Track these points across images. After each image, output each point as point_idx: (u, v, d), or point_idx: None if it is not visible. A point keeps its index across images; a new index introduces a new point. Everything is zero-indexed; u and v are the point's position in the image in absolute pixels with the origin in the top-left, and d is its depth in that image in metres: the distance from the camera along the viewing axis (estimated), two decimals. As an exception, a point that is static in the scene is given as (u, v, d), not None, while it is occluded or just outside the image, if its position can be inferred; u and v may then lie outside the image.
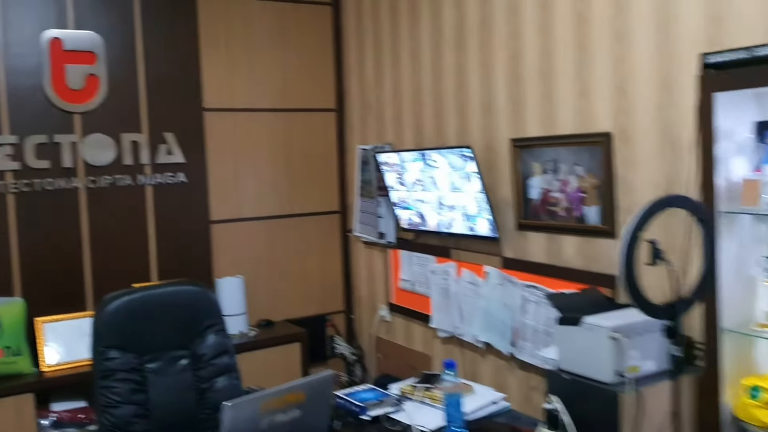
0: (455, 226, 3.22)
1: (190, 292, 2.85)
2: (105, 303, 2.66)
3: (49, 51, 3.45)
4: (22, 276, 3.45)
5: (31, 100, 3.43)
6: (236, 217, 4.02)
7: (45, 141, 3.46)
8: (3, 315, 3.25)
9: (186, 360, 2.74)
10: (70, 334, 3.43)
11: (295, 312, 4.19)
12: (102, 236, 3.62)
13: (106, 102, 3.60)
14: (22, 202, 3.43)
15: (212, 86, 3.89)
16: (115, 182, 3.64)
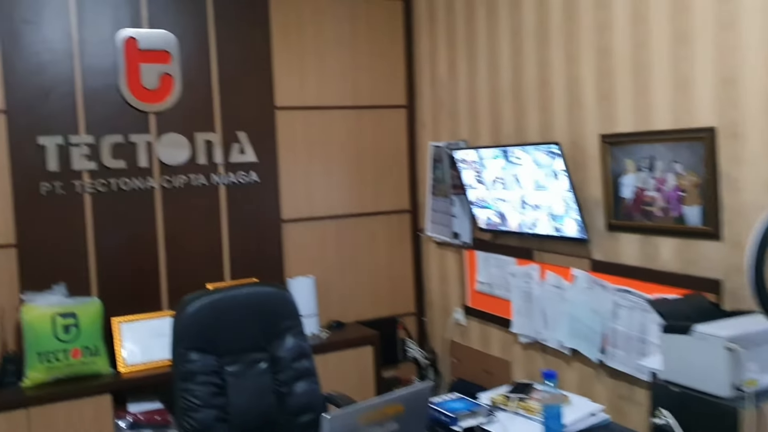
0: (539, 226, 3.09)
1: (269, 293, 2.82)
2: (185, 304, 2.64)
3: (124, 50, 3.46)
4: (99, 276, 3.47)
5: (106, 99, 3.45)
6: (307, 216, 3.98)
7: (121, 141, 3.48)
8: (80, 315, 3.28)
9: (265, 363, 2.70)
10: (146, 334, 3.44)
11: (365, 313, 4.13)
12: (176, 236, 3.62)
13: (180, 101, 3.60)
14: (99, 202, 3.46)
15: (283, 84, 3.86)
16: (190, 182, 3.64)
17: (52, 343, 3.18)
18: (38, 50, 3.31)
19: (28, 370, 3.16)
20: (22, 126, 3.29)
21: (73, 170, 3.38)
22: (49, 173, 3.34)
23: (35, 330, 3.17)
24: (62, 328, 3.21)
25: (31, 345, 3.17)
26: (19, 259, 3.31)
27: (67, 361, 3.20)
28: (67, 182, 3.38)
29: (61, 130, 3.36)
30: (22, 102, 3.29)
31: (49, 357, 3.17)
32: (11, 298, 3.29)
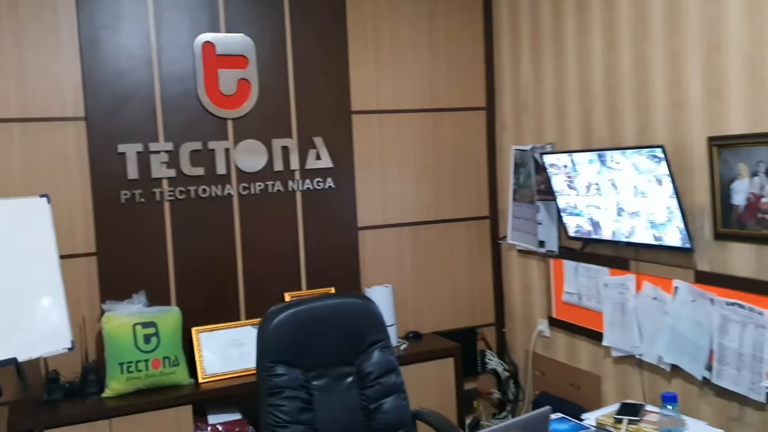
0: (637, 234, 2.93)
1: (354, 304, 2.74)
2: (270, 316, 2.58)
3: (203, 56, 3.44)
4: (178, 284, 3.46)
5: (185, 106, 3.43)
6: (383, 223, 3.89)
7: (199, 148, 3.46)
8: (160, 324, 3.26)
9: (351, 377, 2.62)
10: (224, 343, 3.41)
11: (443, 324, 4.02)
12: (253, 244, 3.58)
13: (257, 107, 3.56)
14: (178, 210, 3.44)
15: (360, 87, 3.79)
16: (267, 189, 3.59)
17: (133, 353, 3.17)
18: (117, 56, 3.32)
19: (109, 381, 3.15)
20: (102, 134, 3.30)
21: (152, 178, 3.38)
22: (129, 181, 3.34)
23: (116, 340, 3.17)
24: (143, 338, 3.20)
25: (112, 355, 3.16)
26: (99, 268, 3.32)
27: (147, 371, 3.18)
28: (147, 190, 3.37)
29: (141, 138, 3.36)
30: (102, 109, 3.29)
31: (129, 367, 3.16)
32: (92, 308, 3.30)
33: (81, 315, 3.25)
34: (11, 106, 3.15)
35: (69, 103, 3.25)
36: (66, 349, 2.85)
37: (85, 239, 3.29)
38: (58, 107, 3.23)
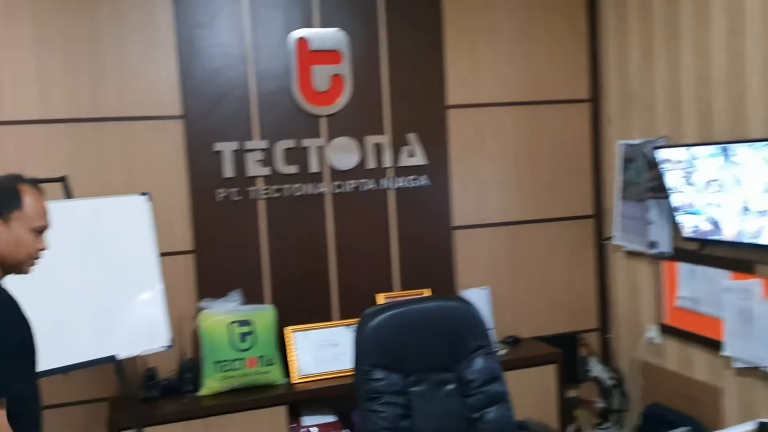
0: (765, 235, 2.67)
1: (455, 308, 2.62)
2: (367, 318, 2.50)
3: (296, 52, 3.40)
4: (272, 283, 3.44)
5: (279, 103, 3.41)
6: (478, 223, 3.75)
7: (293, 146, 3.43)
8: (256, 323, 3.25)
9: (452, 384, 2.51)
10: (318, 344, 3.37)
11: (542, 328, 3.84)
12: (346, 243, 3.52)
13: (350, 103, 3.49)
14: (272, 209, 3.42)
15: (455, 81, 3.66)
16: (359, 187, 3.52)
17: (229, 351, 3.17)
18: (213, 55, 3.32)
19: (205, 379, 3.16)
20: (199, 132, 3.31)
21: (247, 176, 3.37)
22: (225, 180, 3.34)
23: (212, 338, 3.18)
24: (238, 336, 3.19)
25: (209, 353, 3.17)
26: (196, 266, 3.34)
27: (242, 370, 3.17)
28: (242, 188, 3.37)
29: (236, 136, 3.35)
30: (199, 108, 3.31)
31: (225, 366, 3.16)
32: (189, 305, 3.32)
33: (178, 313, 3.26)
34: (112, 106, 3.20)
35: (167, 102, 3.28)
36: (164, 347, 2.87)
37: (182, 237, 3.31)
38: (156, 106, 3.27)
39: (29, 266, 1.84)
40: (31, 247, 1.80)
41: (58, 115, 3.13)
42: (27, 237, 1.78)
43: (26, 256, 1.81)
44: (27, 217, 1.78)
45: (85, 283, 2.69)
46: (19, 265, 1.82)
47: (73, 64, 3.14)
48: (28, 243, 1.79)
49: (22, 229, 1.78)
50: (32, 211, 1.79)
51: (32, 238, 1.80)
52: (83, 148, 3.16)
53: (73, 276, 2.65)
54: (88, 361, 2.66)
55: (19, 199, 1.78)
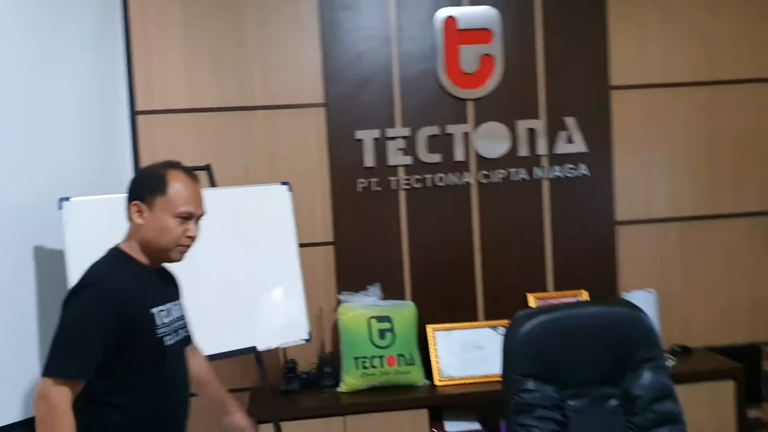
0: None
1: (621, 314, 2.31)
2: (519, 322, 2.26)
3: (443, 32, 3.22)
4: (413, 278, 3.30)
5: (423, 87, 3.26)
6: (645, 218, 3.39)
7: (437, 132, 3.26)
8: (396, 319, 3.11)
9: (616, 400, 2.21)
10: (462, 345, 3.18)
11: (717, 338, 3.41)
12: (493, 237, 3.31)
13: (501, 85, 3.27)
14: (414, 199, 3.28)
15: (620, 59, 3.33)
16: (509, 176, 3.30)
17: (368, 348, 3.06)
18: (356, 38, 3.23)
19: (345, 375, 3.07)
20: (340, 120, 3.24)
21: (388, 165, 3.25)
22: (365, 169, 3.25)
23: (352, 333, 3.08)
24: (378, 332, 3.08)
25: (348, 348, 3.08)
26: (336, 258, 3.27)
27: (382, 368, 3.05)
28: (383, 178, 3.25)
29: (378, 123, 3.25)
30: (341, 94, 3.23)
31: (365, 363, 3.05)
32: (329, 298, 3.26)
33: (318, 305, 3.22)
34: (256, 94, 3.20)
35: (309, 90, 3.23)
36: (303, 341, 2.82)
37: (323, 228, 3.25)
38: (298, 94, 3.23)
39: (177, 253, 1.84)
40: (175, 234, 1.79)
41: (204, 104, 3.17)
42: (170, 223, 1.78)
43: (170, 242, 1.80)
44: (170, 202, 1.78)
45: (227, 272, 2.68)
46: (165, 252, 1.83)
47: (219, 55, 3.18)
48: (171, 229, 1.78)
49: (165, 214, 1.77)
50: (177, 197, 1.78)
51: (177, 224, 1.79)
52: (227, 137, 3.19)
53: (215, 265, 2.64)
54: (228, 352, 2.64)
55: (164, 184, 1.79)
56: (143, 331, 1.77)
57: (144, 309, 1.79)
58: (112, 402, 1.75)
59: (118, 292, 1.73)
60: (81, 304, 1.70)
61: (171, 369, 1.86)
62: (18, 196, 2.41)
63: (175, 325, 1.90)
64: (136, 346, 1.75)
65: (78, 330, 1.68)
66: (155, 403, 1.81)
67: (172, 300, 1.93)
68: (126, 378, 1.75)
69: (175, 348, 1.89)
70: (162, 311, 1.84)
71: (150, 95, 3.12)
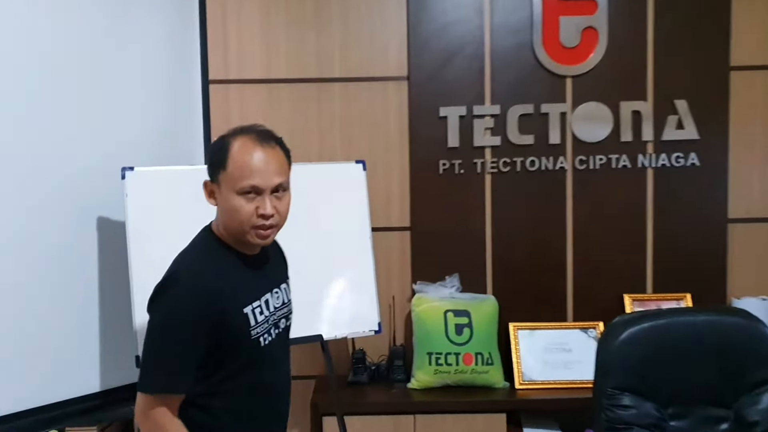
0: None
1: (738, 325, 2.03)
2: (617, 328, 2.01)
3: (542, 1, 2.98)
4: (495, 270, 3.08)
5: (516, 62, 3.02)
6: (762, 216, 3.06)
7: (530, 111, 3.02)
8: (474, 314, 2.91)
9: (726, 424, 1.95)
10: (547, 346, 2.97)
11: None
12: (588, 230, 3.05)
13: (604, 61, 3.00)
14: (500, 185, 3.06)
15: (744, 36, 2.99)
16: (609, 163, 3.03)
17: (443, 343, 2.88)
18: (445, 7, 3.02)
19: (416, 370, 2.90)
20: (424, 95, 3.05)
21: (474, 146, 3.04)
22: (449, 149, 3.05)
23: (426, 326, 2.90)
24: (454, 327, 2.89)
25: (421, 342, 2.91)
26: (412, 245, 3.09)
27: (457, 366, 2.86)
28: (468, 160, 3.05)
29: (465, 100, 3.04)
30: (426, 67, 3.04)
31: (439, 359, 2.87)
32: (403, 287, 3.10)
33: (391, 293, 3.06)
34: (334, 66, 3.06)
35: (392, 62, 3.06)
36: (372, 332, 2.65)
37: (400, 212, 3.08)
38: (380, 66, 3.07)
39: (254, 236, 1.59)
40: (245, 214, 1.56)
41: (280, 75, 3.05)
42: (236, 202, 1.55)
43: (240, 225, 1.57)
44: (231, 177, 1.55)
45: (293, 255, 2.53)
46: (242, 235, 1.59)
47: (297, 24, 3.04)
48: (238, 209, 1.55)
49: (229, 192, 1.55)
50: (237, 169, 1.55)
51: (244, 202, 1.55)
52: (302, 111, 3.06)
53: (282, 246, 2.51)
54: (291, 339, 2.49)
55: (225, 156, 1.57)
56: (235, 333, 1.57)
57: (237, 307, 1.58)
58: (200, 404, 1.58)
59: (209, 286, 1.53)
60: (170, 305, 1.52)
61: (267, 371, 1.66)
62: (82, 163, 2.36)
63: (274, 317, 1.68)
64: (227, 348, 1.57)
65: (170, 337, 1.51)
66: (248, 407, 1.63)
67: (274, 286, 1.71)
68: (215, 381, 1.58)
69: (274, 346, 1.67)
70: (257, 308, 1.62)
71: (224, 64, 3.02)
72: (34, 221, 2.22)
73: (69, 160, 2.32)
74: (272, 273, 1.74)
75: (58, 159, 2.29)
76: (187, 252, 1.62)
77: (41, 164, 2.24)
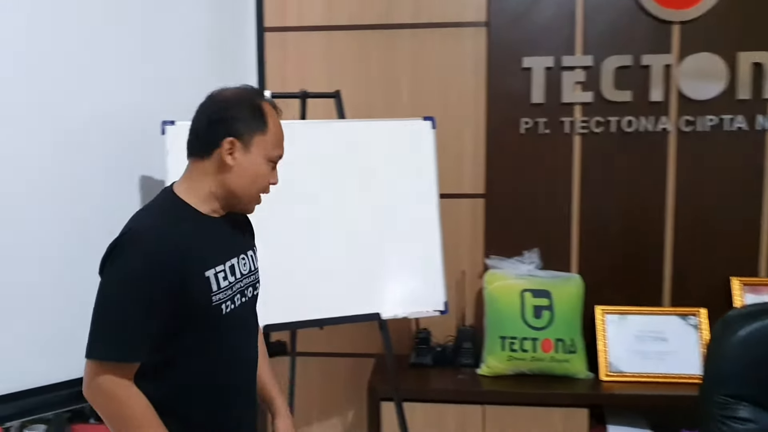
0: None
1: None
2: (732, 323, 1.68)
3: (647, -68, 2.58)
4: (581, 245, 2.76)
5: (614, 5, 2.67)
6: None
7: (628, 63, 2.66)
8: (556, 295, 2.61)
9: None
10: (639, 334, 2.65)
11: None
12: (692, 202, 2.70)
13: (719, 5, 2.59)
14: (591, 147, 2.72)
15: None
16: (721, 125, 2.64)
17: (519, 326, 2.60)
18: (533, -59, 2.66)
19: (487, 355, 2.64)
20: (505, 43, 2.73)
21: (562, 103, 2.72)
22: (532, 106, 2.73)
23: (499, 306, 2.63)
24: (532, 309, 2.60)
25: (493, 324, 2.64)
26: (486, 214, 2.80)
27: (534, 353, 2.58)
28: (554, 118, 2.73)
29: (552, 49, 2.71)
30: (508, 11, 2.72)
31: (513, 344, 2.59)
32: (474, 261, 2.83)
33: (460, 268, 2.81)
34: (404, 10, 2.79)
35: (469, 5, 2.76)
36: (437, 312, 2.39)
37: (473, 176, 2.81)
38: (456, 10, 2.78)
39: (255, 205, 1.57)
40: (266, 181, 1.55)
41: (342, 21, 2.79)
42: (264, 168, 1.53)
43: (258, 191, 1.55)
44: (268, 143, 1.52)
45: (350, 223, 2.31)
46: (248, 203, 1.56)
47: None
48: (264, 175, 1.53)
49: (260, 157, 1.51)
50: (274, 136, 1.53)
51: (267, 170, 1.54)
52: (365, 61, 2.82)
53: (336, 213, 2.29)
54: (346, 317, 2.28)
55: (264, 119, 1.51)
56: (196, 297, 1.42)
57: (198, 270, 1.44)
58: (156, 377, 1.42)
59: (169, 246, 1.39)
60: (127, 264, 1.36)
61: (230, 341, 1.52)
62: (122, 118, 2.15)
63: (240, 285, 1.55)
64: (186, 314, 1.41)
65: (125, 298, 1.36)
66: (208, 381, 1.49)
67: (240, 252, 1.58)
68: (172, 352, 1.43)
69: (237, 315, 1.54)
70: (221, 272, 1.48)
71: (282, 10, 2.78)
72: (70, 181, 2.04)
73: (107, 114, 2.12)
74: (239, 238, 1.63)
75: (96, 114, 2.09)
76: (146, 210, 1.51)
77: (77, 119, 2.05)
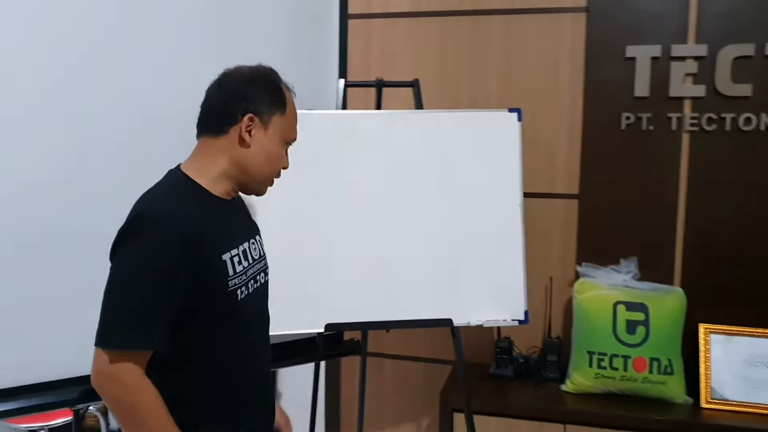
0: None
1: None
2: None
3: None
4: (685, 256, 2.51)
5: (733, -11, 2.37)
6: None
7: (749, 53, 2.39)
8: (653, 309, 2.38)
9: None
10: (749, 358, 2.38)
11: None
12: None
13: None
14: (701, 146, 2.47)
15: None
16: None
17: (609, 341, 2.39)
18: None
19: (573, 371, 2.45)
20: (606, 30, 2.53)
21: (669, 97, 2.48)
22: (635, 100, 2.51)
23: (589, 318, 2.43)
24: (625, 323, 2.39)
25: (581, 337, 2.45)
26: (579, 217, 2.59)
27: (625, 372, 2.36)
28: (660, 114, 2.49)
29: (660, 37, 2.47)
30: (612, -4, 2.49)
31: (602, 361, 2.39)
32: (564, 268, 2.64)
33: (548, 274, 2.62)
34: (496, -7, 2.61)
35: (570, -11, 2.57)
36: (515, 322, 2.20)
37: (566, 175, 2.61)
38: (553, -6, 2.59)
39: (266, 187, 1.55)
40: (279, 164, 1.53)
41: (430, 6, 2.68)
42: (279, 149, 1.51)
43: (272, 173, 1.53)
44: (287, 124, 1.51)
45: (424, 221, 2.17)
46: (262, 184, 1.53)
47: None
48: (280, 157, 1.52)
49: (278, 138, 1.50)
50: (291, 118, 1.53)
51: (283, 152, 1.53)
52: (450, 48, 2.69)
53: (407, 210, 2.15)
54: (414, 320, 2.14)
55: (284, 100, 1.50)
56: (212, 281, 1.36)
57: (214, 253, 1.37)
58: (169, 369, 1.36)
59: (185, 227, 1.32)
60: (141, 247, 1.30)
61: (244, 329, 1.46)
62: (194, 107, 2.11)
63: (252, 270, 1.51)
64: (201, 299, 1.35)
65: (141, 283, 1.29)
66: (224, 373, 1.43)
67: (250, 237, 1.55)
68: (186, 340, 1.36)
69: (251, 301, 1.49)
70: (235, 256, 1.43)
71: (367, -5, 2.70)
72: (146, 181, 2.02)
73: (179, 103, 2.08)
74: (247, 223, 1.63)
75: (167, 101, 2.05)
76: (155, 191, 1.43)
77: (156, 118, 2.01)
